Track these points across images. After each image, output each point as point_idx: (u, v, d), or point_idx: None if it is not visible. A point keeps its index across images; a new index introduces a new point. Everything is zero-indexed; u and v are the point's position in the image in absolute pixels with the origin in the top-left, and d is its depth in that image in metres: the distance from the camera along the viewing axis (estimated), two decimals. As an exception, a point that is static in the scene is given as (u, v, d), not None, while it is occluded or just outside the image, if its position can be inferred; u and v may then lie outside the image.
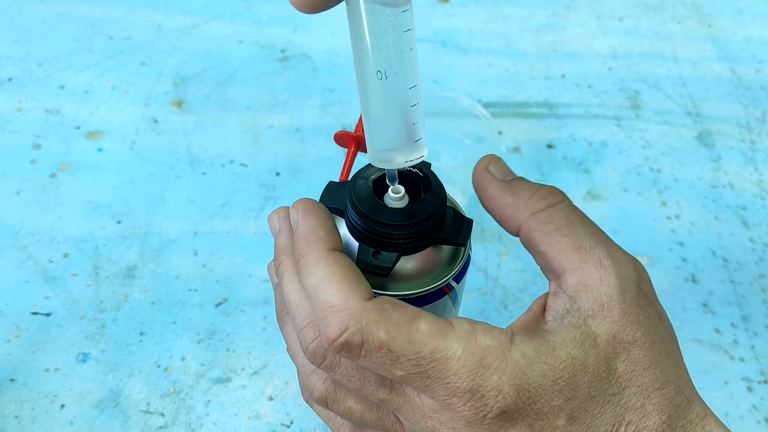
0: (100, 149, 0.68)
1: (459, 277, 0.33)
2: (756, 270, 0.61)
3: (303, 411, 0.51)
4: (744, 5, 0.90)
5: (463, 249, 0.33)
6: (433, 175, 0.33)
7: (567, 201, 0.31)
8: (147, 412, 0.51)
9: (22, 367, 0.52)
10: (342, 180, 0.39)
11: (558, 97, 0.76)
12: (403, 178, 0.32)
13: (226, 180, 0.66)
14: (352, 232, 0.32)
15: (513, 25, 0.85)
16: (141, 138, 0.69)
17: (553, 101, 0.76)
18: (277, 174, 0.67)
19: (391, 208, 0.31)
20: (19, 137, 0.69)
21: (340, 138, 0.41)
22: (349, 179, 0.33)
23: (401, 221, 0.31)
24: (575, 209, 0.31)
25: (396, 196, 0.31)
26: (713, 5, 0.89)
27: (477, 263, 0.60)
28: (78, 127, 0.70)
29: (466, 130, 0.66)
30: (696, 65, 0.81)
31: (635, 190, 0.67)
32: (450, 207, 0.33)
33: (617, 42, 0.84)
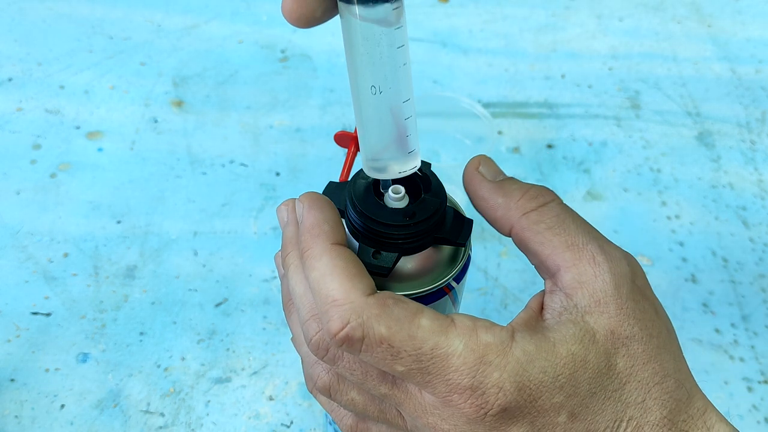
0: (100, 149, 0.68)
1: (459, 278, 0.33)
2: (756, 270, 0.61)
3: (303, 411, 0.51)
4: (744, 5, 0.90)
5: (463, 249, 0.33)
6: (433, 175, 0.33)
7: (557, 200, 0.32)
8: (147, 412, 0.51)
9: (22, 367, 0.52)
10: (342, 180, 0.39)
11: (558, 97, 0.76)
12: (404, 178, 0.32)
13: (226, 180, 0.66)
14: (352, 232, 0.32)
15: (513, 25, 0.85)
16: (141, 138, 0.69)
17: (553, 101, 0.76)
18: (277, 174, 0.67)
19: (391, 208, 0.31)
20: (19, 137, 0.69)
21: (340, 138, 0.41)
22: (349, 179, 0.33)
23: (401, 221, 0.31)
24: (566, 207, 0.31)
25: (396, 196, 0.31)
26: (713, 5, 0.89)
27: (477, 263, 0.60)
28: (78, 127, 0.70)
29: (466, 130, 0.66)
30: (696, 65, 0.81)
31: (635, 190, 0.67)
32: (450, 207, 0.33)
33: (617, 42, 0.84)
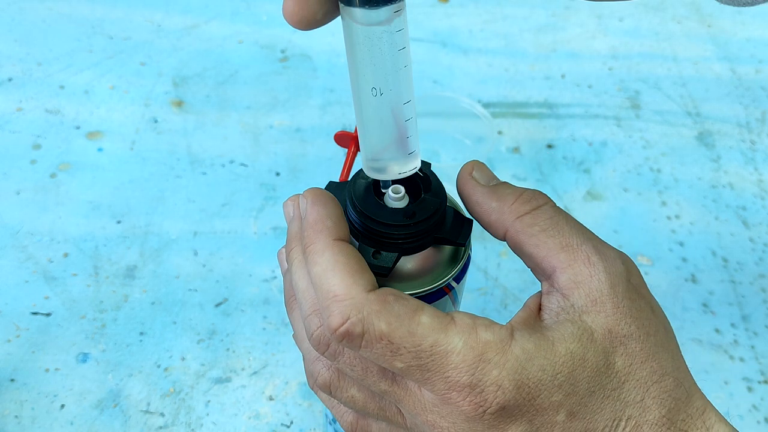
0: (100, 149, 0.68)
1: (459, 277, 0.33)
2: (756, 270, 0.61)
3: (303, 411, 0.51)
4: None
5: (464, 249, 0.33)
6: (433, 175, 0.33)
7: (550, 203, 0.32)
8: (147, 412, 0.51)
9: (22, 367, 0.52)
10: (342, 180, 0.39)
11: (558, 97, 0.76)
12: (404, 178, 0.32)
13: (226, 180, 0.66)
14: (352, 232, 0.32)
15: (513, 25, 0.85)
16: (141, 138, 0.69)
17: (553, 101, 0.76)
18: (277, 174, 0.67)
19: (391, 208, 0.31)
20: (19, 137, 0.69)
21: (340, 138, 0.41)
22: (349, 179, 0.33)
23: (401, 221, 0.31)
24: (559, 210, 0.32)
25: (396, 196, 0.31)
26: (713, 5, 0.89)
27: (477, 263, 0.60)
28: (78, 127, 0.70)
29: (466, 130, 0.66)
30: (696, 65, 0.81)
31: (635, 190, 0.67)
32: (450, 207, 0.33)
33: (617, 42, 0.84)
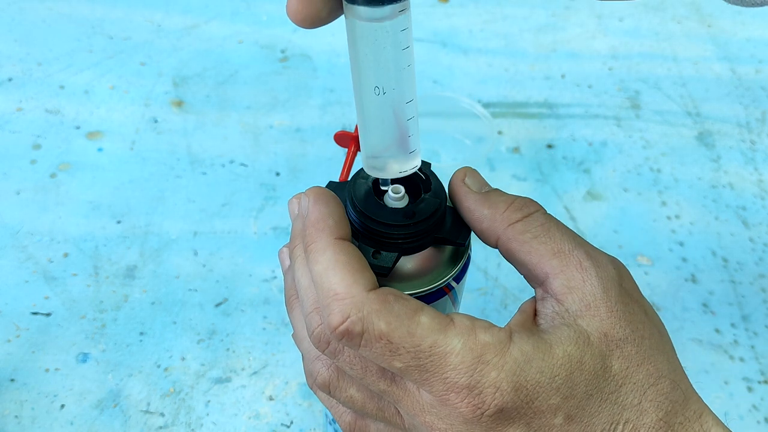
0: (100, 149, 0.68)
1: (459, 278, 0.33)
2: (756, 270, 0.61)
3: (303, 411, 0.51)
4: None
5: (463, 249, 0.33)
6: (433, 175, 0.33)
7: (542, 210, 0.32)
8: (147, 412, 0.51)
9: (22, 367, 0.52)
10: (342, 180, 0.39)
11: (558, 97, 0.76)
12: (404, 178, 0.32)
13: (226, 180, 0.66)
14: (351, 231, 0.32)
15: (513, 25, 0.85)
16: (141, 138, 0.69)
17: (553, 101, 0.76)
18: (277, 174, 0.67)
19: (391, 208, 0.31)
20: (19, 137, 0.69)
21: (340, 138, 0.41)
22: (349, 179, 0.33)
23: (401, 221, 0.31)
24: (550, 217, 0.32)
25: (396, 196, 0.31)
26: (713, 5, 0.89)
27: (477, 263, 0.60)
28: (78, 127, 0.70)
29: (466, 130, 0.66)
30: (696, 65, 0.81)
31: (635, 190, 0.67)
32: (450, 207, 0.33)
33: (617, 42, 0.84)
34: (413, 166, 0.31)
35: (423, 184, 0.32)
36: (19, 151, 0.67)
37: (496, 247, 0.32)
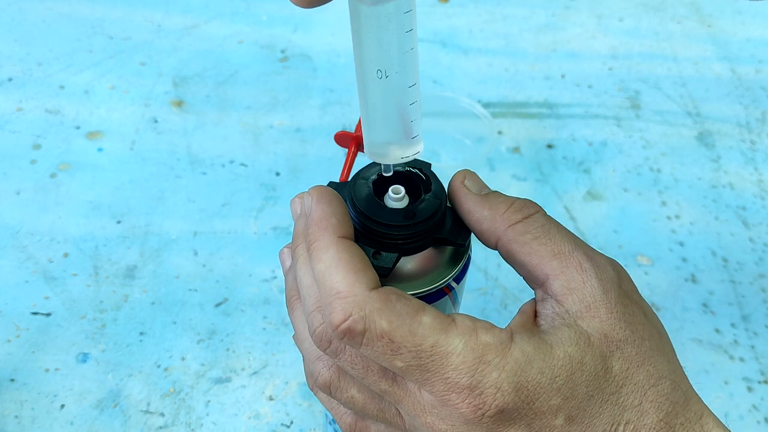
0: (100, 149, 0.68)
1: (459, 278, 0.33)
2: (756, 270, 0.61)
3: (303, 411, 0.51)
4: (744, 5, 0.90)
5: (464, 250, 0.33)
6: (434, 176, 0.33)
7: (542, 211, 0.32)
8: (147, 412, 0.51)
9: (22, 367, 0.52)
10: (342, 180, 0.39)
11: (558, 97, 0.76)
12: (404, 178, 0.32)
13: (226, 180, 0.66)
14: (352, 232, 0.32)
15: (513, 25, 0.85)
16: (141, 138, 0.69)
17: (553, 101, 0.76)
18: (277, 174, 0.67)
19: (391, 208, 0.31)
20: (19, 137, 0.69)
21: (340, 138, 0.41)
22: (349, 179, 0.33)
23: (401, 222, 0.31)
24: (550, 218, 0.32)
25: (396, 196, 0.31)
26: (713, 5, 0.89)
27: (477, 263, 0.60)
28: (78, 127, 0.70)
29: (466, 130, 0.66)
30: (696, 65, 0.81)
31: (635, 190, 0.67)
32: (450, 207, 0.33)
33: (617, 42, 0.84)
34: (415, 151, 0.31)
35: (423, 184, 0.32)
36: (19, 151, 0.67)
37: (495, 249, 0.32)
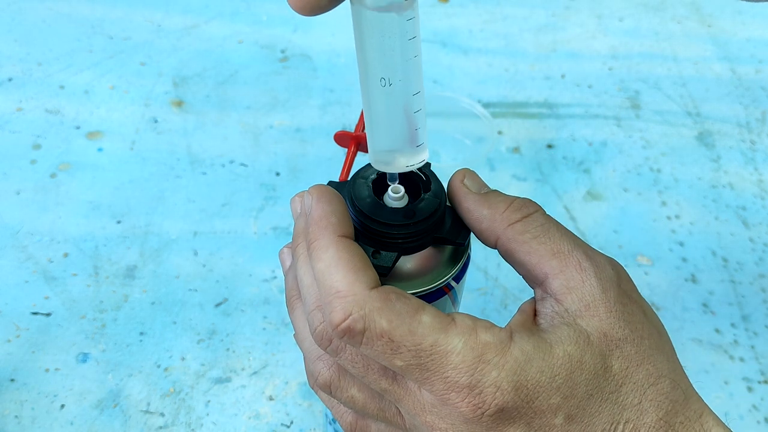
0: (100, 149, 0.68)
1: (459, 277, 0.33)
2: (756, 270, 0.61)
3: (303, 411, 0.51)
4: (744, 5, 0.90)
5: (463, 249, 0.33)
6: (433, 175, 0.33)
7: (541, 211, 0.32)
8: (147, 412, 0.51)
9: (22, 367, 0.52)
10: (342, 180, 0.39)
11: (558, 97, 0.76)
12: (403, 177, 0.32)
13: (226, 180, 0.66)
14: (351, 231, 0.32)
15: (513, 25, 0.85)
16: (141, 138, 0.69)
17: (553, 101, 0.76)
18: (277, 174, 0.67)
19: (391, 207, 0.31)
20: (19, 137, 0.69)
21: (340, 138, 0.41)
22: (349, 179, 0.33)
23: (401, 221, 0.31)
24: (549, 218, 0.32)
25: (396, 195, 0.31)
26: (713, 5, 0.89)
27: (477, 263, 0.60)
28: (78, 127, 0.70)
29: (466, 130, 0.66)
30: (696, 65, 0.81)
31: (635, 190, 0.67)
32: (450, 207, 0.33)
33: (617, 42, 0.84)
34: (421, 159, 0.31)
35: (423, 184, 0.32)
36: (19, 151, 0.67)
37: (495, 248, 0.32)
